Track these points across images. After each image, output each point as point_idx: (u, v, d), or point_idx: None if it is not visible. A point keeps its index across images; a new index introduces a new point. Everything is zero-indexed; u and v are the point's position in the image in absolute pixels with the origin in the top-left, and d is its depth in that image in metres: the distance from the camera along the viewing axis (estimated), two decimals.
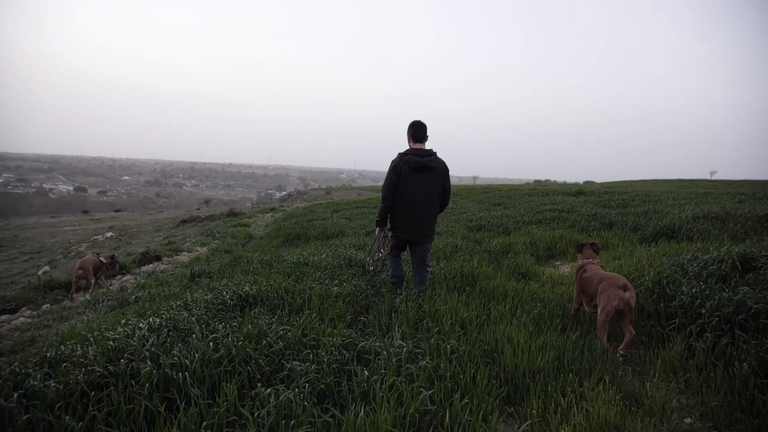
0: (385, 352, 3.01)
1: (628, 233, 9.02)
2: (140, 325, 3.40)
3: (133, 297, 6.38)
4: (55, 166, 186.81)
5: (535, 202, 15.52)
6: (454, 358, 3.02)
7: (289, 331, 3.41)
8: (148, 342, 3.07)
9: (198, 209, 41.08)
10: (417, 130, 4.56)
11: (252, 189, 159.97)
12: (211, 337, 3.18)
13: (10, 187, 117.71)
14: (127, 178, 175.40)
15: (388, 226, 4.86)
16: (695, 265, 4.64)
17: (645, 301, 4.11)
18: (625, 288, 3.56)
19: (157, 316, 3.65)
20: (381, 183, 5.35)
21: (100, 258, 8.55)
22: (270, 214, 25.58)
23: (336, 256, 6.71)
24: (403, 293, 4.54)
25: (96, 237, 24.78)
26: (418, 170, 4.46)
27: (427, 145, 4.66)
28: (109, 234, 24.97)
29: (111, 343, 3.03)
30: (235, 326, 3.46)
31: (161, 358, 2.82)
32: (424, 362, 2.89)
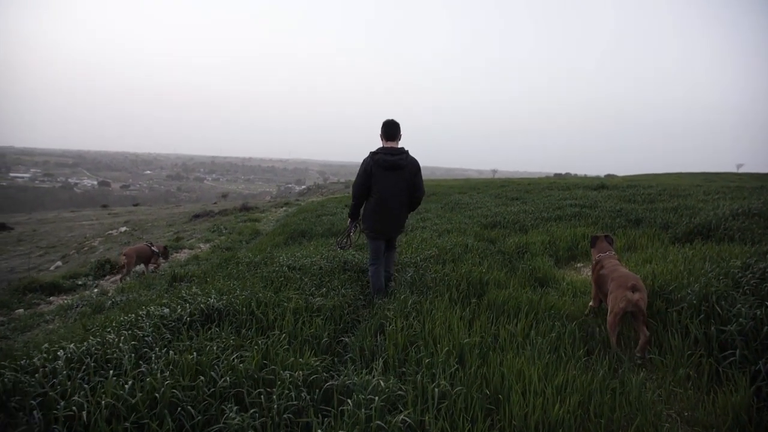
0: (352, 400, 2.31)
1: (658, 232, 8.14)
2: (59, 353, 2.77)
3: (110, 303, 5.82)
4: (80, 161, 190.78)
5: (555, 197, 14.61)
6: (443, 407, 2.31)
7: (244, 360, 2.76)
8: (55, 379, 2.44)
9: (215, 203, 41.06)
10: (389, 129, 4.60)
11: (272, 183, 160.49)
12: (137, 371, 2.53)
13: (37, 181, 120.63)
14: (149, 172, 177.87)
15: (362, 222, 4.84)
16: (749, 275, 3.83)
17: (689, 323, 3.31)
18: (633, 289, 3.31)
19: (87, 339, 3.01)
20: None
21: (152, 248, 8.95)
22: (284, 208, 25.15)
23: (331, 258, 6.05)
24: (392, 305, 3.89)
25: (110, 232, 24.74)
26: (389, 169, 4.51)
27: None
28: (123, 229, 24.90)
29: (4, 381, 2.40)
30: (179, 353, 2.80)
31: (59, 406, 2.18)
32: (403, 416, 2.18)
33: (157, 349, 2.91)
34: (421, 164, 4.72)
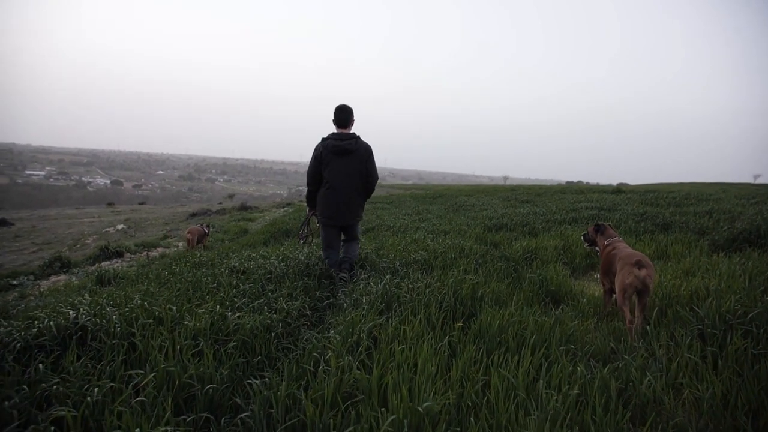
0: None
1: (693, 238, 6.87)
2: None
3: (16, 310, 4.72)
4: (94, 160, 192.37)
5: (569, 200, 13.30)
6: None
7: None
8: None
9: (220, 203, 40.33)
10: (339, 115, 4.54)
11: (283, 185, 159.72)
12: None
13: (52, 179, 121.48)
14: (161, 172, 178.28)
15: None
16: None
17: None
18: (640, 265, 3.21)
19: None
20: (411, 182, 4.61)
21: (204, 227, 10.20)
22: (284, 209, 24.35)
23: (290, 260, 4.88)
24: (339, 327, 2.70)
25: (107, 229, 23.93)
26: (338, 154, 4.45)
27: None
28: (120, 226, 24.09)
29: None
30: None
31: None
32: None
33: None
34: (433, 170, 3.75)
